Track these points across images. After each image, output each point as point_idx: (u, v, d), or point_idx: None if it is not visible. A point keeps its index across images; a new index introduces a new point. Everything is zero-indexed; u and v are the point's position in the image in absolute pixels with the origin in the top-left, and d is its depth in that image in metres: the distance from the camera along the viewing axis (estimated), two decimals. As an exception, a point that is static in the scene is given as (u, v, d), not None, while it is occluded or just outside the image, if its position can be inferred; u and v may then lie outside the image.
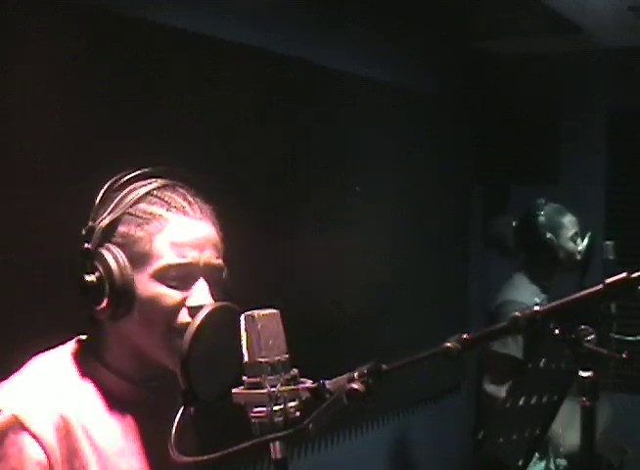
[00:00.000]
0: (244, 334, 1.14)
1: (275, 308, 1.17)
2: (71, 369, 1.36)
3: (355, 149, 3.76)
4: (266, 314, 1.15)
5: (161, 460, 1.36)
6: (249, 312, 1.15)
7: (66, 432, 1.28)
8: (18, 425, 1.25)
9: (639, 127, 4.82)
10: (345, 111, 3.69)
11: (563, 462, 3.40)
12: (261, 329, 1.13)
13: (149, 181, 1.38)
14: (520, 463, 1.56)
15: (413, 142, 4.23)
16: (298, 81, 3.39)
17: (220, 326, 1.26)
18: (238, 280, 3.02)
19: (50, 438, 1.26)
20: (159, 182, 1.39)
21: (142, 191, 1.36)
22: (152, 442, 1.39)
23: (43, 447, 1.25)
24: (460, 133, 4.67)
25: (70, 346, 1.41)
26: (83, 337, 1.42)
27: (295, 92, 3.37)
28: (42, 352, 1.40)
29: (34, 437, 1.25)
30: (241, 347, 1.14)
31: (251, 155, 3.14)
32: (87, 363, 1.38)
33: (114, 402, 1.37)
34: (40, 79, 2.33)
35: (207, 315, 1.26)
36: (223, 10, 3.03)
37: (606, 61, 4.76)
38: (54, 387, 1.32)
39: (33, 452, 1.24)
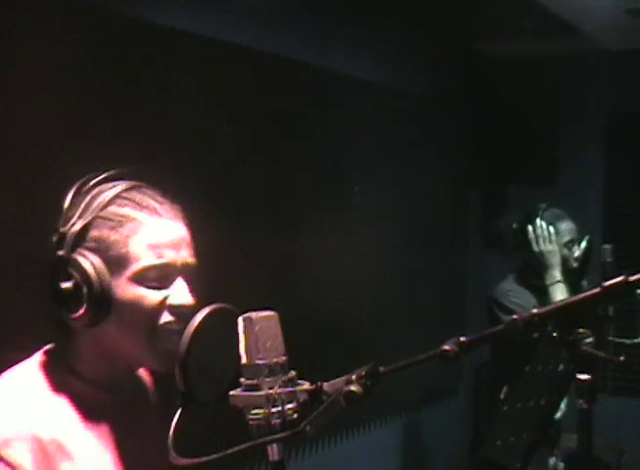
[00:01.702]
0: (241, 336, 1.14)
1: (273, 310, 1.17)
2: (41, 384, 1.33)
3: (355, 149, 3.76)
4: (264, 316, 1.14)
5: (140, 461, 1.37)
6: (246, 314, 1.15)
7: (42, 454, 1.25)
8: None
9: (638, 130, 4.83)
10: (345, 111, 3.69)
11: (561, 465, 3.42)
12: (259, 331, 1.13)
13: (115, 183, 1.37)
14: (518, 466, 1.56)
15: (412, 143, 4.23)
16: (298, 82, 3.39)
17: (218, 328, 1.25)
18: (238, 281, 3.03)
19: (26, 464, 1.23)
20: (125, 184, 1.37)
21: (110, 193, 1.34)
22: (129, 445, 1.37)
23: None
24: (459, 135, 4.67)
25: (37, 358, 1.37)
26: (50, 347, 1.39)
27: (295, 93, 3.37)
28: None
29: (9, 465, 1.22)
30: (238, 348, 1.14)
31: (251, 155, 3.15)
32: (57, 375, 1.34)
33: (88, 412, 1.34)
34: (40, 79, 2.33)
35: (205, 317, 1.25)
36: (223, 10, 3.03)
37: (604, 63, 4.76)
38: (25, 407, 1.28)
39: None
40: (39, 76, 2.33)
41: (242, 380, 1.14)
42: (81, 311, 1.29)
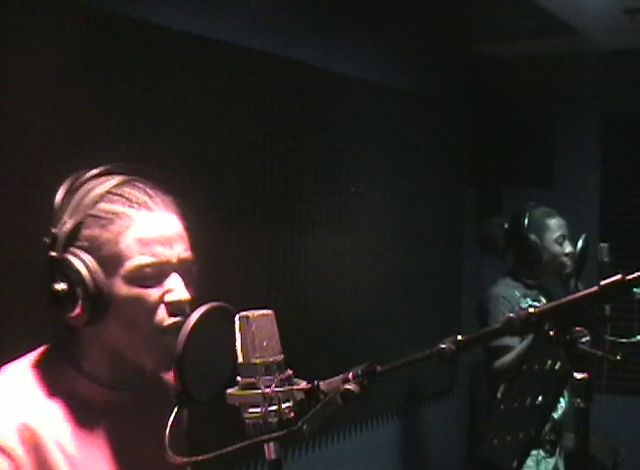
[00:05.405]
0: (238, 335, 1.14)
1: (271, 309, 1.17)
2: (41, 378, 1.32)
3: (354, 149, 3.76)
4: (261, 315, 1.15)
5: (140, 462, 1.36)
6: (243, 313, 1.15)
7: (34, 444, 1.25)
8: None
9: (633, 130, 4.82)
10: (343, 111, 3.70)
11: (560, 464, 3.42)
12: (256, 330, 1.13)
13: (106, 179, 1.34)
14: (514, 465, 1.56)
15: (408, 143, 4.23)
16: (298, 82, 3.39)
17: (214, 326, 1.25)
18: (237, 281, 3.03)
19: (17, 449, 1.23)
20: (116, 179, 1.34)
21: (100, 190, 1.32)
22: (130, 445, 1.37)
23: (11, 459, 1.22)
24: (455, 135, 4.67)
25: (39, 353, 1.36)
26: (52, 342, 1.38)
27: (294, 93, 3.37)
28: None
29: (1, 449, 1.22)
30: (235, 347, 1.14)
31: (251, 155, 3.15)
32: (58, 370, 1.33)
33: (89, 409, 1.33)
34: (39, 79, 2.33)
35: (202, 315, 1.24)
36: (223, 11, 3.03)
37: (601, 63, 4.75)
38: (21, 398, 1.28)
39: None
40: (39, 76, 2.33)
41: (238, 379, 1.14)
42: (77, 311, 1.28)
